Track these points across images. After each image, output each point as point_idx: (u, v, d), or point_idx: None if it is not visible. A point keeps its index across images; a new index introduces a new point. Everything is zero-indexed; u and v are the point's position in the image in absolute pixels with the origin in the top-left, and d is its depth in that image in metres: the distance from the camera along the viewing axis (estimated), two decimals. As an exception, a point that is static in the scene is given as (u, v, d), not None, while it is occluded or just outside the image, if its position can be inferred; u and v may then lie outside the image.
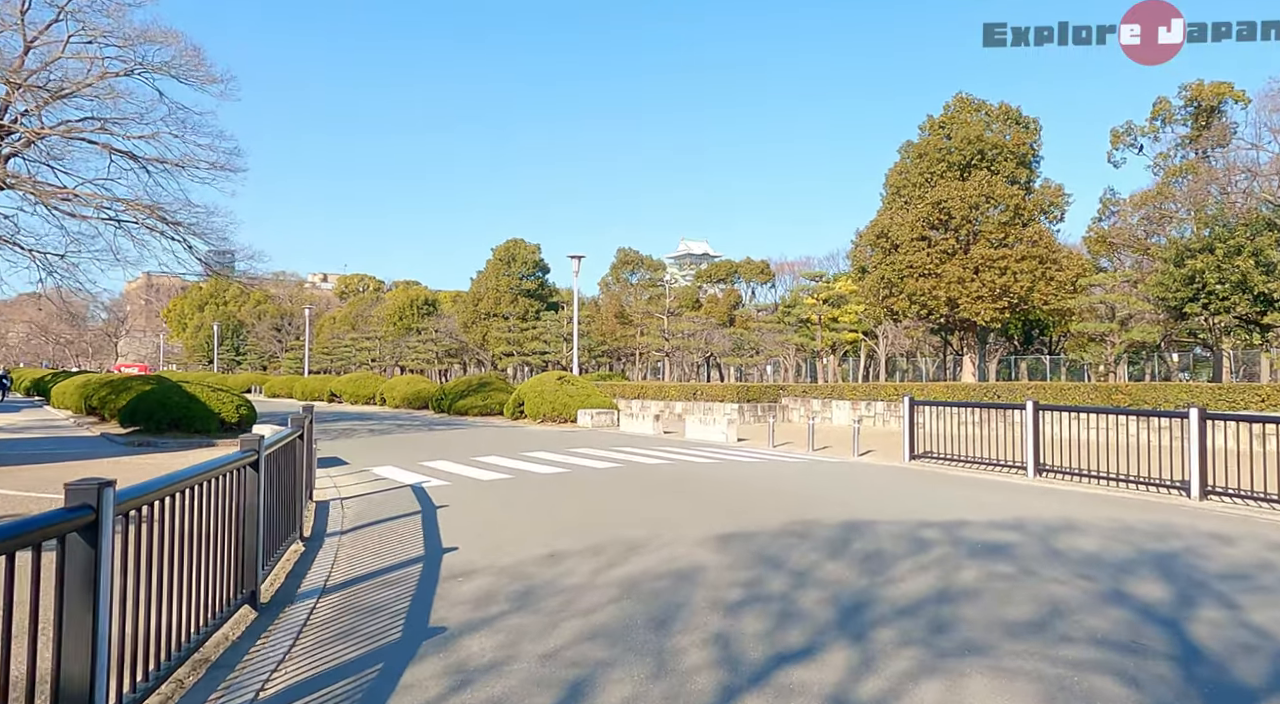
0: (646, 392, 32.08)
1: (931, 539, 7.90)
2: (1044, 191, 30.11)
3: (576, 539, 8.01)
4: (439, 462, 14.87)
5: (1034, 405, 13.61)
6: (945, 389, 24.39)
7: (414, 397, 34.91)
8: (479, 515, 9.47)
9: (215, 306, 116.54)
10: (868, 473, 13.83)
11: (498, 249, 56.73)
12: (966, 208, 29.08)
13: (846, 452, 17.25)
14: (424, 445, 18.56)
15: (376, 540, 8.16)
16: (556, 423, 26.01)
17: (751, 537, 8.04)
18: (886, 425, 25.55)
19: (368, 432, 22.41)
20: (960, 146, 29.65)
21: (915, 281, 30.11)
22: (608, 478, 12.72)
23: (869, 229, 32.03)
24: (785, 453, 17.31)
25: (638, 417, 23.51)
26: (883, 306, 31.77)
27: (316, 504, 10.40)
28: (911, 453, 15.77)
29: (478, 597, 6.05)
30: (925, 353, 60.08)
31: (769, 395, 29.04)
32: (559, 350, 43.70)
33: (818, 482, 12.65)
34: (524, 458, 15.43)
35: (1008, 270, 28.88)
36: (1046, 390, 21.80)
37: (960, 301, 29.44)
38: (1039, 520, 8.98)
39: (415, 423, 26.69)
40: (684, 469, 13.91)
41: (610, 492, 11.37)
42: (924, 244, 30.37)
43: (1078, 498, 11.05)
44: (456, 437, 21.02)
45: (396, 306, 69.55)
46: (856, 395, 27.01)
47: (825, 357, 47.65)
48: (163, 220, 18.00)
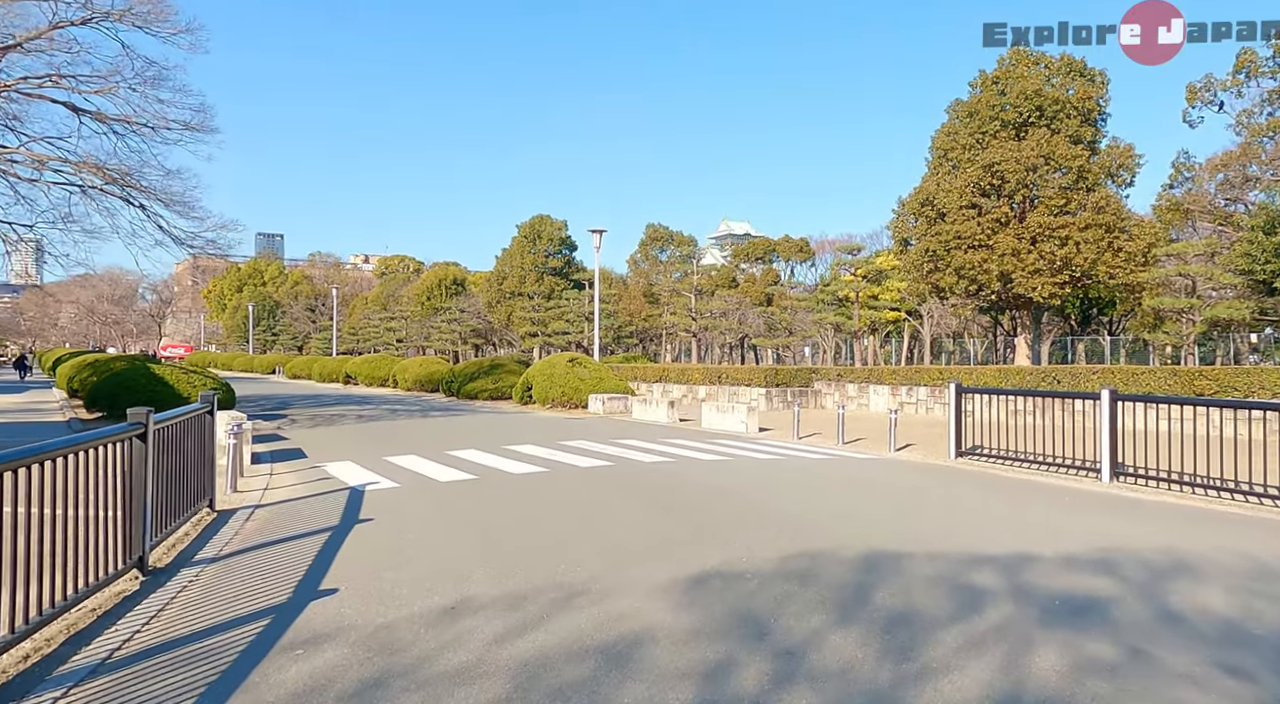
0: (669, 375, 29.98)
1: (986, 588, 5.69)
2: (1111, 152, 26.88)
3: (500, 578, 5.99)
4: (406, 457, 12.99)
5: (1111, 395, 11.17)
6: (997, 373, 21.81)
7: (426, 379, 33.28)
8: (400, 536, 7.50)
9: (254, 287, 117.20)
10: (904, 475, 11.57)
11: (523, 225, 54.66)
12: (1023, 171, 26.05)
13: (882, 445, 14.97)
14: (404, 435, 16.75)
15: (245, 574, 6.23)
16: (566, 409, 24.09)
17: (735, 579, 5.91)
18: (929, 413, 23.08)
19: (355, 418, 20.72)
20: (1016, 103, 26.54)
21: (964, 254, 27.24)
22: (587, 483, 10.68)
23: (912, 197, 29.18)
24: (811, 447, 15.09)
25: (651, 403, 21.43)
26: (927, 282, 28.97)
27: (218, 514, 8.54)
28: (958, 448, 13.47)
29: (301, 689, 4.05)
30: (973, 334, 56.91)
31: (800, 379, 26.71)
32: (581, 330, 41.69)
33: (840, 488, 10.45)
34: (505, 453, 13.47)
35: (1069, 240, 25.83)
36: (1115, 375, 19.14)
37: (1014, 276, 26.52)
38: (1134, 554, 6.69)
39: (414, 408, 25.00)
40: (682, 470, 11.80)
41: (579, 503, 9.33)
42: (974, 212, 27.45)
43: (1173, 514, 8.69)
44: (448, 425, 19.20)
45: (425, 286, 68.19)
46: (896, 379, 24.55)
47: (864, 337, 44.95)
48: (118, 182, 16.35)
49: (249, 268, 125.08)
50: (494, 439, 15.56)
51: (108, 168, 16.40)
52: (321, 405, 25.56)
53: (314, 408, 24.29)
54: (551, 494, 9.73)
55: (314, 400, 28.49)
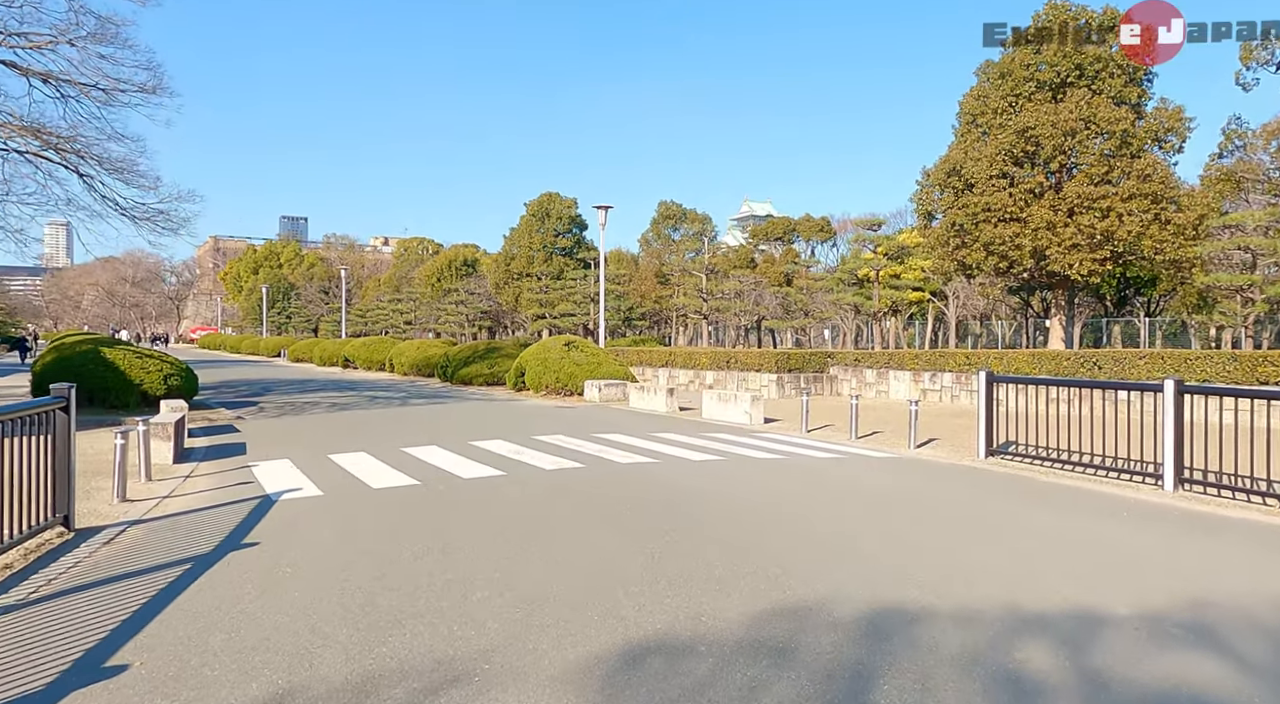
0: (675, 359, 28.24)
1: (1043, 682, 3.93)
2: (1159, 115, 24.40)
3: (363, 649, 4.33)
4: (355, 454, 11.41)
5: (1177, 386, 9.30)
6: (1030, 358, 19.85)
7: (424, 363, 31.78)
8: (271, 573, 5.87)
9: (269, 269, 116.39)
10: (925, 480, 9.79)
11: (531, 204, 52.73)
12: (1060, 136, 23.73)
13: (901, 441, 13.19)
14: (370, 427, 15.19)
15: (25, 638, 4.62)
16: (560, 396, 22.46)
17: (683, 655, 4.21)
18: (955, 401, 21.18)
19: (329, 407, 19.19)
20: (1054, 61, 24.10)
21: (993, 228, 25.02)
22: (544, 492, 9.00)
23: (938, 166, 26.95)
24: (819, 442, 13.33)
25: (650, 391, 19.72)
26: (953, 259, 26.82)
27: (75, 534, 6.97)
28: (988, 446, 11.68)
29: None
30: (1001, 316, 54.59)
31: (814, 364, 24.86)
32: (588, 312, 39.96)
33: (846, 501, 8.71)
34: (467, 450, 11.84)
35: (1111, 212, 23.48)
36: (1165, 361, 17.13)
37: (1049, 252, 24.29)
38: (1243, 611, 4.90)
39: (400, 395, 23.50)
40: (663, 475, 10.10)
41: (518, 522, 7.66)
42: (1005, 182, 25.20)
43: (1270, 540, 6.85)
44: (423, 414, 17.63)
45: (436, 267, 66.74)
46: (919, 365, 22.63)
47: (886, 320, 42.85)
48: (46, 143, 14.81)
49: (265, 249, 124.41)
50: (464, 432, 13.95)
51: (42, 130, 14.91)
52: (304, 391, 24.12)
53: (292, 394, 22.85)
54: (494, 509, 8.08)
55: (298, 386, 27.09)
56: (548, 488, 9.06)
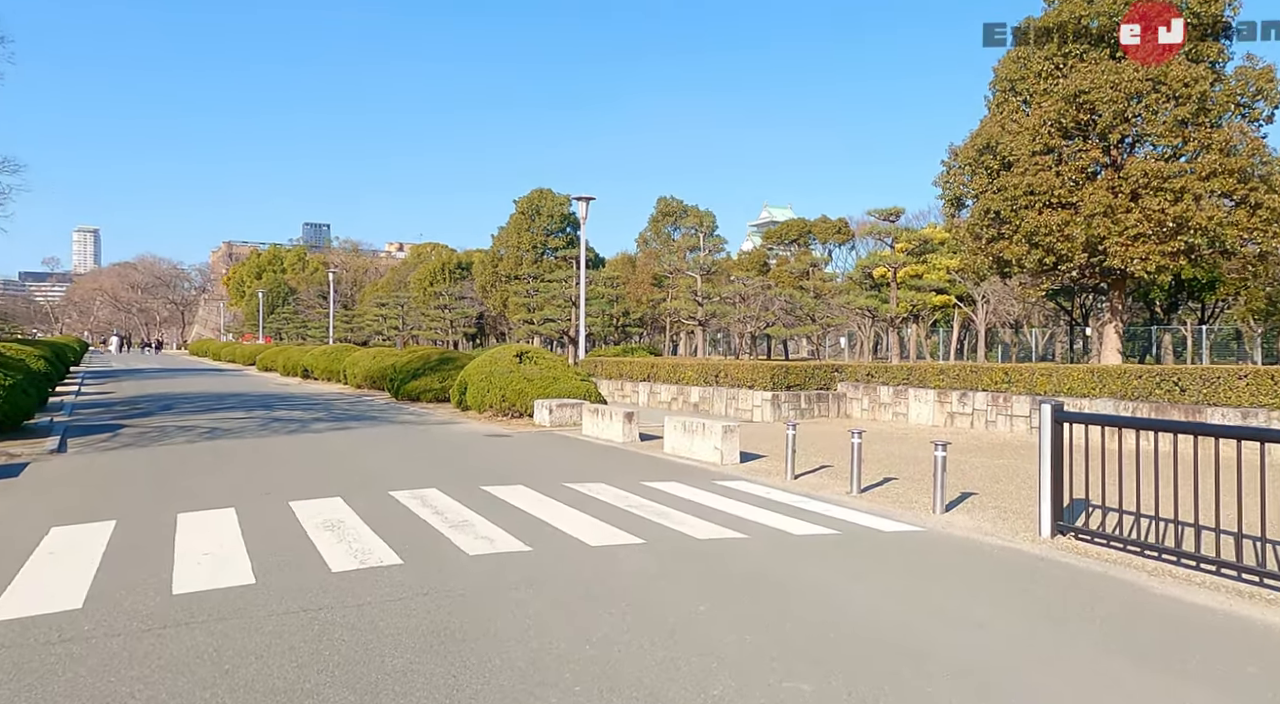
0: (658, 372, 24.23)
1: None
2: (1244, 76, 19.89)
3: None
4: (92, 526, 7.55)
5: None
6: (1088, 376, 15.63)
7: (378, 374, 27.93)
8: None
9: (272, 273, 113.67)
10: (962, 594, 5.72)
11: (521, 201, 48.89)
12: (1122, 100, 19.30)
13: (921, 495, 9.18)
14: (197, 475, 11.36)
15: None
16: (506, 418, 18.55)
17: None
18: (991, 428, 16.98)
19: (205, 433, 15.29)
20: (1111, 9, 19.69)
21: (1037, 215, 20.59)
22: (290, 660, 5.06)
23: (968, 143, 22.53)
24: (805, 496, 9.31)
25: (607, 415, 15.74)
26: (987, 255, 22.46)
27: None
28: (1055, 519, 7.69)
29: None
30: (1034, 323, 49.85)
31: (818, 379, 20.75)
32: (570, 317, 36.02)
33: (821, 658, 4.62)
34: (258, 522, 7.95)
35: (1185, 194, 19.06)
36: (1275, 381, 12.88)
37: (1107, 243, 19.89)
38: None
39: (315, 415, 19.72)
40: (542, 580, 6.12)
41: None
42: (1051, 160, 20.80)
43: None
44: (303, 449, 13.81)
45: (429, 271, 63.17)
46: (945, 381, 18.46)
47: (905, 326, 38.55)
48: None
49: (269, 254, 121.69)
50: (305, 483, 10.06)
51: None
52: (208, 410, 20.37)
53: (185, 414, 19.11)
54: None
55: (213, 401, 23.40)
56: (259, 646, 5.06)
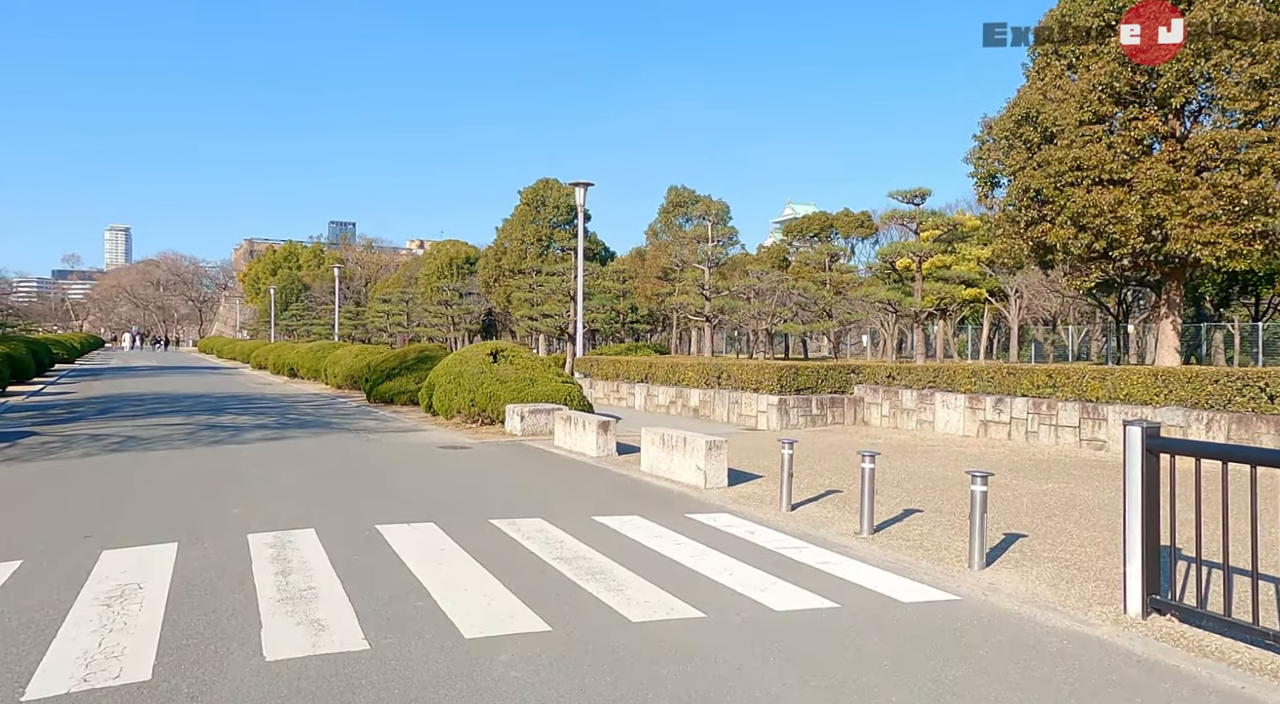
0: (655, 373, 21.93)
1: None
2: (1332, 29, 17.34)
3: None
4: None
5: None
6: (1150, 379, 13.09)
7: (359, 374, 25.93)
8: None
9: (288, 270, 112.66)
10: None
11: (525, 191, 46.80)
12: (1188, 58, 16.67)
13: (952, 541, 6.83)
14: (62, 505, 9.26)
15: None
16: (475, 425, 16.36)
17: None
18: (1032, 441, 14.47)
19: (118, 442, 13.19)
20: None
21: (1085, 193, 17.88)
22: None
23: (1005, 114, 19.82)
24: (799, 543, 7.00)
25: (580, 424, 13.46)
26: (1025, 240, 19.80)
27: None
28: (1148, 592, 5.28)
29: None
30: (1069, 319, 46.82)
31: (832, 381, 18.34)
32: (568, 312, 33.81)
33: None
34: (63, 580, 5.77)
35: (1263, 166, 16.38)
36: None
37: (1169, 225, 17.19)
38: None
39: (269, 418, 17.68)
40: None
41: None
42: (1102, 130, 18.06)
43: None
44: (191, 470, 11.70)
45: (436, 266, 61.31)
46: (976, 384, 15.96)
47: (931, 323, 35.91)
48: None
49: (285, 250, 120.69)
50: (153, 521, 7.92)
51: None
52: (147, 415, 18.35)
53: (120, 420, 17.11)
54: None
55: (164, 404, 21.43)
56: None
